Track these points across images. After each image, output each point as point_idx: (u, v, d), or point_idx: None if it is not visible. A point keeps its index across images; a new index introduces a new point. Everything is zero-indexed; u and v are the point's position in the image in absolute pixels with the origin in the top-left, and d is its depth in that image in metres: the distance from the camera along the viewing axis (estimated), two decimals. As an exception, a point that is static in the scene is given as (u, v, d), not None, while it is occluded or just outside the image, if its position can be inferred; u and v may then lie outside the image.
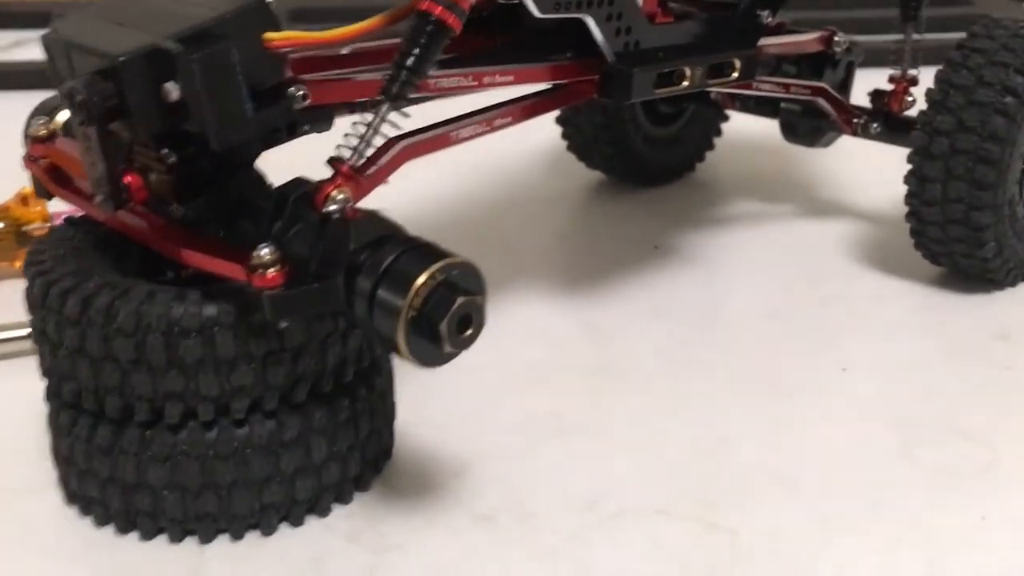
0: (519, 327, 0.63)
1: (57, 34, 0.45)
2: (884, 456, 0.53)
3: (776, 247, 0.73)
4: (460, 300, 0.42)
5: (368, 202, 0.47)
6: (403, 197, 0.52)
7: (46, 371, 0.48)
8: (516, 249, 0.73)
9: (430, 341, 0.42)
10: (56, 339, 0.45)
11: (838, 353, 0.61)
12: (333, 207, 0.44)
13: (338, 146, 0.47)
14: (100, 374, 0.44)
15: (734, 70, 0.60)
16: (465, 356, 0.44)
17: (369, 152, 0.48)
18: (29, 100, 0.56)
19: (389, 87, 0.47)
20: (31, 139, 0.51)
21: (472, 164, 0.84)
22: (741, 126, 0.84)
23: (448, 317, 0.42)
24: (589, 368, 0.60)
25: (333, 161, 0.47)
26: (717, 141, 0.85)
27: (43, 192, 0.52)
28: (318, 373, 0.46)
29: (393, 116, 0.47)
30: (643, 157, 0.80)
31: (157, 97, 0.43)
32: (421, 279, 0.42)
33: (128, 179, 0.46)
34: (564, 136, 0.80)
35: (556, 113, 0.79)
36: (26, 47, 1.08)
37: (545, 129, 0.80)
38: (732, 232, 0.76)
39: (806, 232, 0.75)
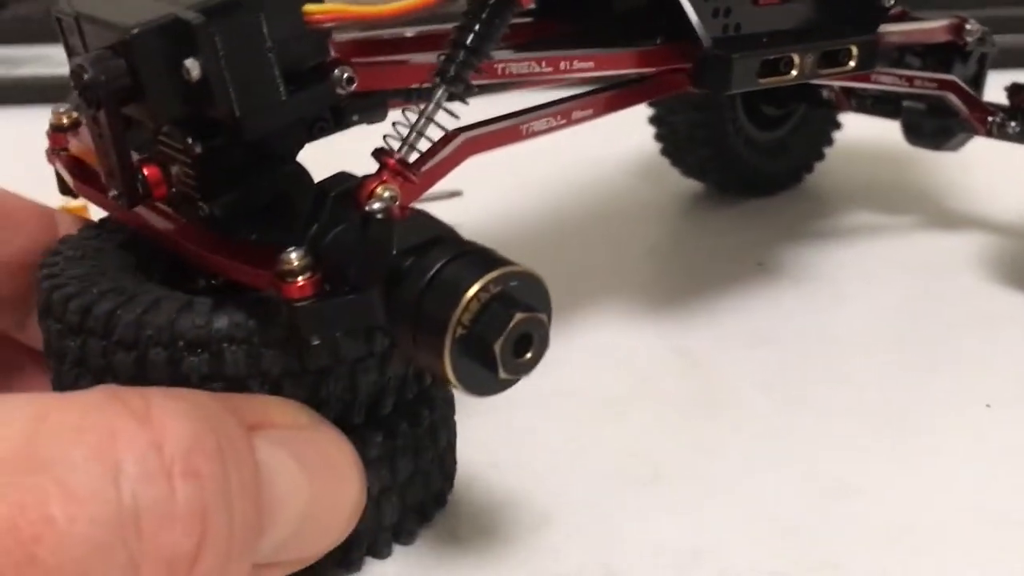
0: (602, 354, 0.56)
1: (68, 5, 0.40)
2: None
3: (898, 264, 0.66)
4: (518, 316, 0.35)
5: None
6: (466, 204, 0.46)
7: (56, 389, 0.42)
8: (600, 265, 0.67)
9: (482, 364, 0.36)
10: (59, 350, 0.40)
11: (980, 386, 0.53)
12: (377, 205, 0.38)
13: (386, 136, 0.41)
14: None
15: (851, 58, 0.53)
16: (539, 387, 0.37)
17: (422, 144, 0.42)
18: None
19: (446, 67, 0.41)
20: (52, 129, 0.47)
21: (550, 168, 0.78)
22: (854, 135, 0.76)
23: (504, 336, 0.35)
24: (683, 402, 0.53)
25: (379, 153, 0.41)
26: (827, 152, 0.77)
27: (66, 189, 0.47)
28: (345, 402, 0.40)
29: (453, 108, 0.42)
30: (744, 163, 0.73)
31: (176, 76, 0.37)
32: (472, 290, 0.35)
33: (146, 172, 0.41)
34: (657, 137, 0.73)
35: (648, 114, 0.72)
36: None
37: (635, 132, 0.74)
38: (847, 247, 0.68)
39: (933, 247, 0.67)
